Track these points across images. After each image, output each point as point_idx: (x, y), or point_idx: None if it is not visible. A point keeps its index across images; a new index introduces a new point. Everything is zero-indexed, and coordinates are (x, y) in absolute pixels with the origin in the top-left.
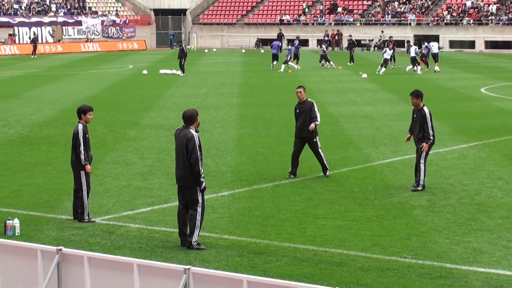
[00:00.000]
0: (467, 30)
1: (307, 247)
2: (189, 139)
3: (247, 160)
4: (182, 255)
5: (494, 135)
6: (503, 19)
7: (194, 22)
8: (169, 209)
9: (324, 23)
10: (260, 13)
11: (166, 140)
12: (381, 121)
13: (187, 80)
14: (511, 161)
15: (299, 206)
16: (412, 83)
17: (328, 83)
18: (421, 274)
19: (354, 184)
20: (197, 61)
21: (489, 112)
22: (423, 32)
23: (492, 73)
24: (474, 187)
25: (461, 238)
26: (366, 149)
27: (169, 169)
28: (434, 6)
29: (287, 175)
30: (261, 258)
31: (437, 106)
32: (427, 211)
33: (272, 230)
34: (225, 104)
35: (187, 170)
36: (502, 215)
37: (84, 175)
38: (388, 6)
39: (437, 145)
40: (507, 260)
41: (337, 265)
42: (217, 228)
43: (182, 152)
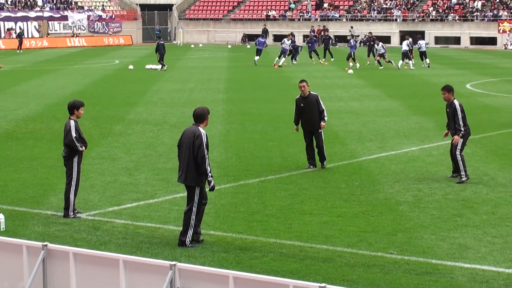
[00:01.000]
0: (452, 26)
1: (293, 243)
2: (196, 137)
3: (233, 156)
4: (168, 251)
5: (479, 131)
6: (488, 15)
7: (180, 17)
8: (155, 205)
9: (310, 18)
10: (246, 8)
11: (152, 135)
12: (367, 116)
13: (173, 75)
14: (496, 157)
15: (285, 202)
16: (398, 79)
17: (314, 78)
18: (407, 270)
19: (340, 180)
20: (183, 56)
21: (475, 108)
22: (409, 28)
23: (477, 69)
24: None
25: (447, 234)
26: (352, 145)
27: (155, 165)
28: (420, 2)
29: (307, 166)
30: (247, 254)
31: (423, 102)
32: (413, 207)
33: (258, 226)
34: (211, 100)
35: (191, 168)
36: (488, 211)
37: (75, 171)
38: (374, 2)
39: (423, 141)
40: (493, 256)
41: (323, 261)
42: (203, 224)
43: (188, 150)
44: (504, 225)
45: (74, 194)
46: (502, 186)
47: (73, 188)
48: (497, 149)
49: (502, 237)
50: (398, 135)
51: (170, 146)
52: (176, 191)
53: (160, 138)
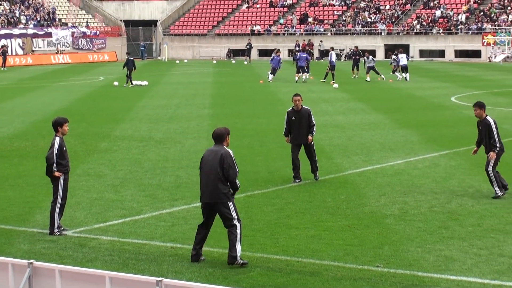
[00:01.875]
0: (437, 39)
1: (279, 257)
2: (225, 156)
3: None
4: (154, 267)
5: (464, 144)
6: (472, 28)
7: (165, 33)
8: (141, 221)
9: (295, 33)
10: (231, 23)
11: (137, 152)
12: (352, 130)
13: (159, 91)
14: (481, 169)
15: (272, 216)
16: (383, 92)
17: (300, 93)
18: (393, 283)
19: (326, 193)
20: (168, 72)
21: (460, 121)
22: (393, 42)
23: (462, 82)
24: (445, 195)
25: (433, 247)
26: (338, 158)
27: (141, 181)
28: (404, 16)
29: (293, 181)
30: (233, 269)
31: (408, 115)
32: (399, 220)
33: (244, 241)
34: (196, 115)
35: (220, 187)
36: (473, 223)
37: (61, 189)
38: (359, 16)
39: (408, 154)
40: (478, 267)
41: (310, 275)
42: (190, 240)
43: (214, 169)
44: (490, 237)
45: (60, 212)
46: (487, 198)
47: (58, 205)
48: (482, 161)
49: (488, 249)
50: (384, 149)
51: (156, 162)
52: (162, 207)
53: (146, 154)
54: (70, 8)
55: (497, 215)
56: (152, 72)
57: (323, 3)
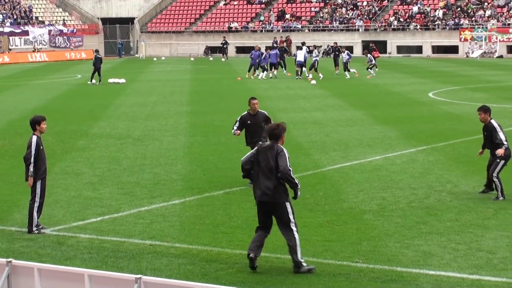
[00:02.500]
0: (414, 35)
1: None
2: (280, 152)
3: (198, 168)
4: (133, 264)
5: (442, 139)
6: (449, 24)
7: (142, 31)
8: (120, 219)
9: (273, 30)
10: (208, 21)
11: (115, 150)
12: (330, 127)
13: (136, 89)
14: (459, 164)
15: (250, 213)
16: (360, 88)
17: (278, 90)
18: (372, 278)
19: (305, 190)
20: (146, 70)
21: (437, 116)
22: (371, 38)
23: (439, 78)
24: (424, 190)
25: (411, 242)
26: (316, 155)
27: (119, 179)
28: (382, 12)
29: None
30: (212, 265)
31: (385, 111)
32: (377, 216)
33: (223, 238)
34: (174, 112)
35: (277, 186)
36: (451, 218)
37: (39, 188)
38: (336, 13)
39: (386, 150)
40: (457, 262)
41: (289, 271)
42: (168, 237)
43: (270, 168)
44: (468, 232)
45: (38, 210)
46: (465, 193)
47: (36, 203)
48: (460, 156)
49: (466, 244)
50: (362, 145)
51: (134, 160)
52: (140, 205)
53: (124, 152)
54: (47, 6)
55: (475, 210)
56: (129, 69)
57: (301, 0)
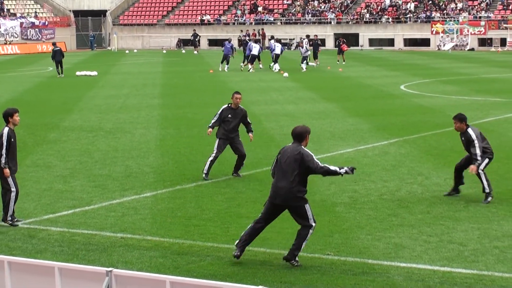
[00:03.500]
0: (386, 28)
1: (230, 247)
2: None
3: (170, 161)
4: (104, 257)
5: (414, 132)
6: (421, 17)
7: (114, 23)
8: (91, 212)
9: (245, 22)
10: (180, 13)
11: (87, 142)
12: (302, 119)
13: (108, 81)
14: (430, 157)
15: (222, 205)
16: (333, 81)
17: (251, 82)
18: (344, 270)
19: None
20: (118, 62)
21: (409, 109)
22: (343, 31)
23: (411, 70)
24: (395, 183)
25: (383, 234)
26: None
27: (90, 171)
28: (354, 5)
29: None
30: (184, 258)
31: (357, 104)
32: (349, 208)
33: (195, 230)
34: (146, 105)
35: (296, 188)
36: (422, 210)
37: (11, 180)
38: (308, 5)
39: (358, 142)
40: (428, 254)
41: (261, 264)
42: (140, 230)
43: (292, 169)
44: (439, 224)
45: (15, 200)
46: (436, 186)
47: (13, 193)
48: (431, 149)
49: (437, 236)
50: (334, 137)
51: (106, 152)
52: (112, 198)
53: (96, 144)
54: None
55: (446, 202)
56: (101, 62)
57: None
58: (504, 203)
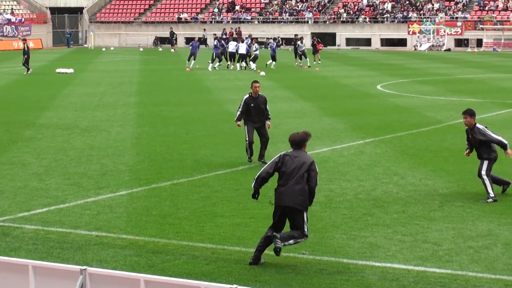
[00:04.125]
0: (363, 28)
1: (205, 245)
2: (310, 164)
3: (145, 159)
4: (79, 255)
5: (390, 131)
6: (398, 17)
7: (91, 21)
8: (66, 210)
9: (222, 21)
10: (157, 11)
11: (63, 140)
12: (279, 118)
13: (84, 79)
14: (406, 156)
15: (198, 204)
16: (309, 80)
17: (227, 81)
18: (318, 270)
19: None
20: (94, 60)
21: (385, 109)
22: (320, 30)
23: (388, 70)
24: (371, 182)
25: (358, 233)
26: None
27: (66, 169)
28: (331, 4)
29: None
30: (159, 257)
31: (334, 103)
32: (324, 207)
33: (170, 229)
34: (123, 103)
35: (303, 194)
36: (398, 210)
37: None
38: (286, 4)
39: (334, 142)
40: (403, 254)
41: (236, 263)
42: (115, 228)
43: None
44: (414, 224)
45: None
46: (411, 185)
47: None
48: (407, 148)
49: (412, 235)
50: None
51: (81, 150)
52: (87, 196)
53: (71, 142)
54: None
55: (421, 202)
56: (78, 59)
57: None
58: (479, 203)
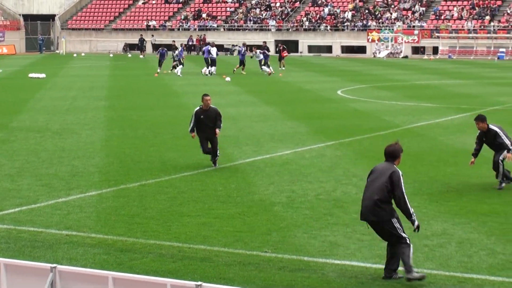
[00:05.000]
0: (324, 35)
1: (172, 244)
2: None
3: (115, 161)
4: (50, 254)
5: (349, 135)
6: (358, 25)
7: (63, 27)
8: (37, 210)
9: (189, 28)
10: (127, 18)
11: (35, 142)
12: (243, 122)
13: (56, 84)
14: (365, 159)
15: (165, 204)
16: (273, 85)
17: (194, 86)
18: (281, 267)
19: (218, 182)
20: (66, 65)
21: (345, 113)
22: (283, 38)
23: (348, 76)
24: (331, 184)
25: (318, 233)
26: (229, 149)
27: (37, 170)
28: (294, 13)
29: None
30: (127, 255)
31: (297, 108)
32: (286, 207)
33: (138, 228)
34: (93, 107)
35: (380, 206)
36: (357, 210)
37: None
38: (250, 13)
39: (296, 145)
40: (361, 252)
41: (201, 261)
42: (85, 227)
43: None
44: None
45: None
46: None
47: None
48: (366, 151)
49: (370, 234)
50: (273, 139)
51: (53, 152)
52: (58, 196)
53: (43, 144)
54: None
55: None
56: (50, 65)
57: (217, 0)
58: (433, 204)
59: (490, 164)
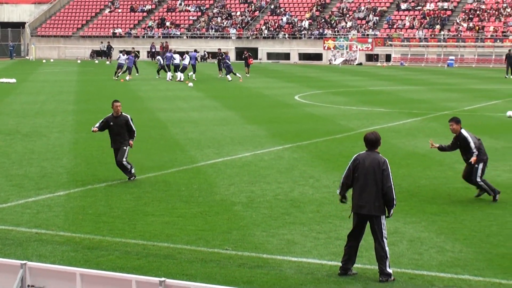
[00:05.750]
0: (283, 43)
1: (137, 242)
2: (382, 163)
3: (82, 162)
4: (20, 251)
5: (306, 138)
6: (314, 34)
7: (32, 34)
8: (8, 209)
9: (154, 36)
10: (94, 26)
11: (5, 145)
12: (205, 126)
13: (26, 88)
14: (321, 161)
15: (130, 204)
16: (234, 91)
17: (158, 91)
18: (240, 264)
19: (181, 183)
20: (35, 71)
21: (302, 117)
22: (244, 45)
23: (305, 82)
24: (289, 184)
25: (277, 231)
26: (192, 151)
27: (8, 171)
28: (253, 22)
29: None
30: (94, 252)
31: (256, 112)
32: (246, 207)
33: (104, 227)
34: (62, 111)
35: (379, 198)
36: (313, 209)
37: None
38: (212, 21)
39: (256, 147)
40: (317, 250)
41: (164, 258)
42: (53, 226)
43: (374, 179)
44: (328, 222)
45: None
46: (326, 187)
47: None
48: (322, 154)
49: (326, 233)
50: (233, 142)
51: (23, 154)
52: (28, 196)
53: (13, 146)
54: None
55: (335, 203)
56: (20, 70)
57: (180, 9)
58: None
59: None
